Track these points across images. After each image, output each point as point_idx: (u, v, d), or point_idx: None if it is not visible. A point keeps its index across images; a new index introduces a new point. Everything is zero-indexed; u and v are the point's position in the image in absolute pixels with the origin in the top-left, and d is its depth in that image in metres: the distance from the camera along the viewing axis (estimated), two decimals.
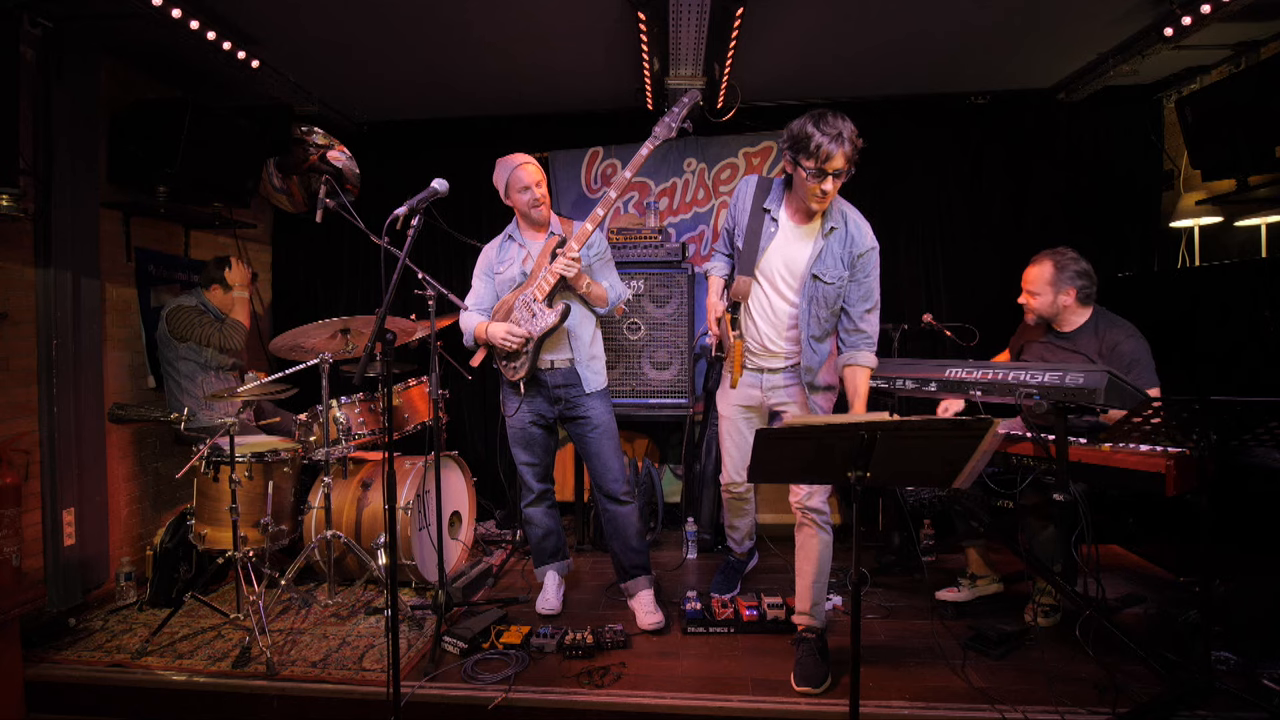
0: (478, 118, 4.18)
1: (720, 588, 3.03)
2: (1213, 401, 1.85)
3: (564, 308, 2.66)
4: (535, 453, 2.88)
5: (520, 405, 2.82)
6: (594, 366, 2.83)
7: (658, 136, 2.56)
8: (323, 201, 2.95)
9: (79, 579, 2.90)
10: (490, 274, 2.86)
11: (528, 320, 2.69)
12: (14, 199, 2.59)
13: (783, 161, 2.39)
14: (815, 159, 2.22)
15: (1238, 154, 3.04)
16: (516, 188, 2.73)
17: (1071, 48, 3.32)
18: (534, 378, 2.76)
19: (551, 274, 2.62)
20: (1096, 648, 2.33)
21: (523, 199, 2.73)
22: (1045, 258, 2.73)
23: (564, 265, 2.59)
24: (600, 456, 2.82)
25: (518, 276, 2.79)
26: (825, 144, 2.19)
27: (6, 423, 2.74)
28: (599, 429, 2.80)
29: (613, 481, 2.82)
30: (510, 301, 2.76)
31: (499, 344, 2.71)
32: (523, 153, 2.79)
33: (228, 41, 2.99)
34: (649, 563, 2.88)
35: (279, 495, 2.96)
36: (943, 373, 2.54)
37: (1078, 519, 2.23)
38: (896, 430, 1.67)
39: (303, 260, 4.41)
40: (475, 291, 2.89)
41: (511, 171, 2.73)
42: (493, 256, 2.88)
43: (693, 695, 2.25)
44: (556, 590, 2.94)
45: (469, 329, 2.82)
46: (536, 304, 2.67)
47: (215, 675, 2.44)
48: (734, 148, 4.11)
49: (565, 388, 2.78)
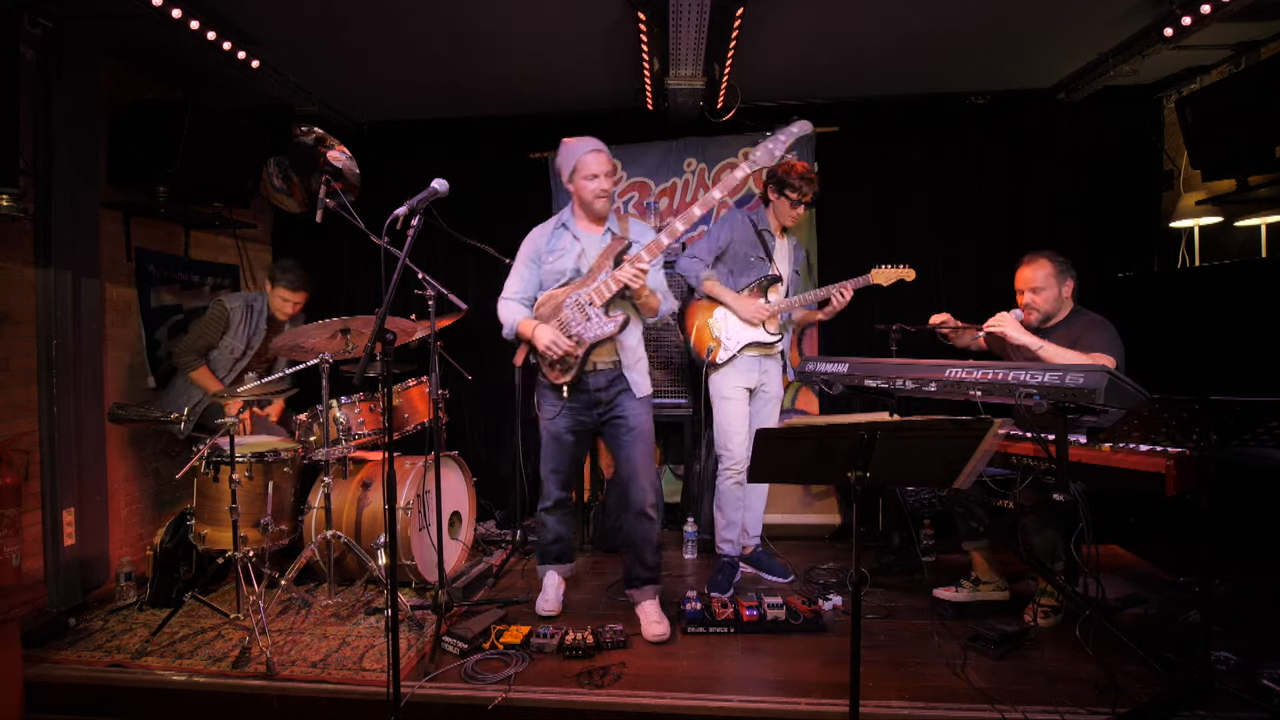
0: (478, 118, 4.18)
1: (720, 586, 3.04)
2: (1213, 401, 1.85)
3: (624, 319, 2.55)
4: (563, 460, 2.77)
5: (560, 410, 2.68)
6: (640, 369, 2.71)
7: (757, 162, 2.49)
8: (323, 201, 2.96)
9: (79, 579, 2.91)
10: (537, 261, 2.69)
11: (580, 323, 2.56)
12: (14, 199, 2.59)
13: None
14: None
15: (1238, 154, 3.04)
16: (584, 174, 2.57)
17: (1071, 48, 3.33)
18: (577, 382, 2.63)
19: (615, 281, 2.49)
20: (1096, 648, 2.32)
21: (589, 187, 2.57)
22: (1039, 255, 2.78)
23: (631, 275, 2.45)
24: (632, 461, 2.67)
25: (569, 271, 2.64)
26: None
27: (6, 423, 2.74)
28: (635, 432, 2.66)
29: (640, 492, 2.68)
30: (560, 298, 2.60)
31: (542, 350, 2.59)
32: (587, 138, 2.62)
33: (228, 41, 2.99)
34: (659, 575, 2.80)
35: (279, 495, 2.96)
36: (943, 373, 2.54)
37: (1078, 519, 2.23)
38: (897, 430, 1.67)
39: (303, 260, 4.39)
40: (518, 277, 2.73)
41: (581, 156, 2.56)
42: (541, 244, 2.71)
43: (693, 695, 2.25)
44: (556, 591, 2.93)
45: (511, 321, 2.68)
46: (593, 308, 2.53)
47: (215, 675, 2.43)
48: (734, 148, 4.11)
49: (608, 389, 2.66)
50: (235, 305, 3.29)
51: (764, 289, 3.13)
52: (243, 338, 3.29)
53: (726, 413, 3.12)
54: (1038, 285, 2.76)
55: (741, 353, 3.11)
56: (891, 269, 3.04)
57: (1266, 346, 2.80)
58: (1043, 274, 2.75)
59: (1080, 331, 2.69)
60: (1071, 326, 2.74)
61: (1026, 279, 2.80)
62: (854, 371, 2.87)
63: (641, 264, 2.46)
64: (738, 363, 3.12)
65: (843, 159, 4.07)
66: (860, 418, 1.72)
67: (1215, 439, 1.95)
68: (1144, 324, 3.39)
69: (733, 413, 3.11)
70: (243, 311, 3.29)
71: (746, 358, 3.11)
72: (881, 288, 3.07)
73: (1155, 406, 1.97)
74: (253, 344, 3.32)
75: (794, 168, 3.03)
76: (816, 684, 2.29)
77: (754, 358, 3.13)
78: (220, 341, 3.28)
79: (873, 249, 3.93)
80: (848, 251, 4.02)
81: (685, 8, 2.72)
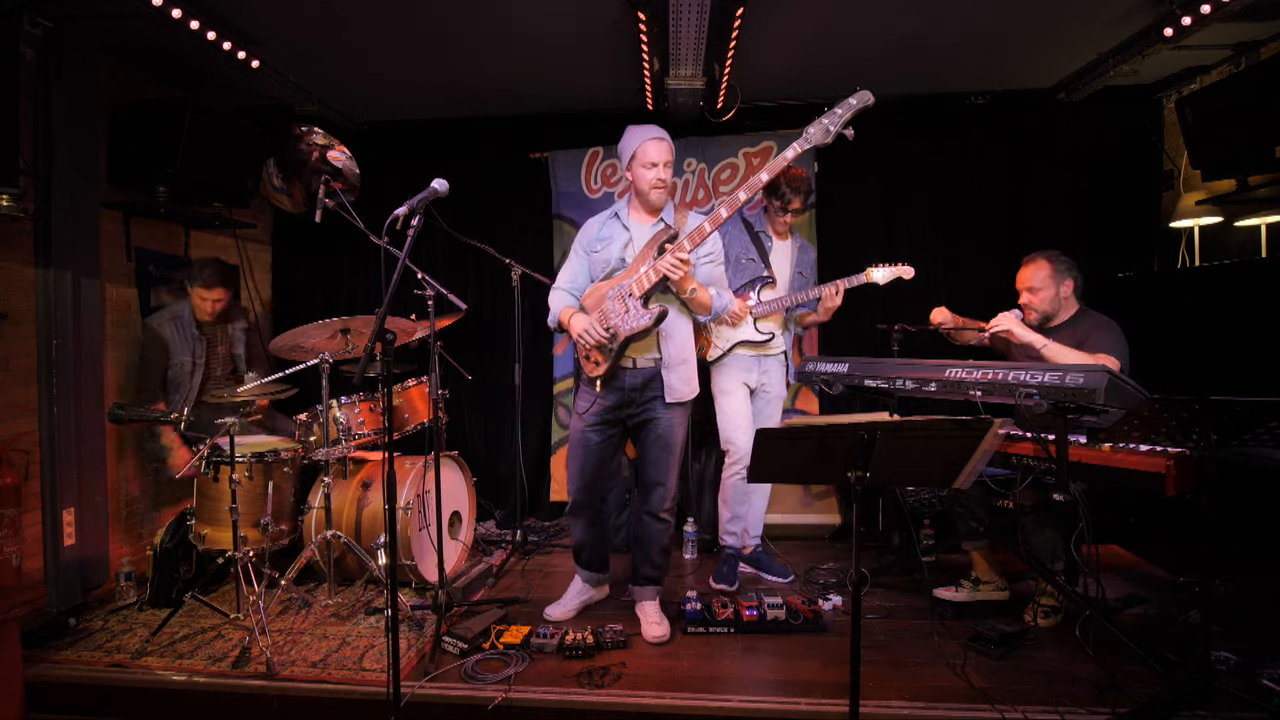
0: (478, 118, 4.18)
1: (726, 578, 3.09)
2: (1213, 401, 1.85)
3: (660, 311, 2.43)
4: (585, 461, 2.68)
5: (594, 403, 2.61)
6: (681, 373, 2.62)
7: (810, 139, 2.21)
8: (322, 201, 2.96)
9: (79, 579, 2.90)
10: (587, 251, 2.66)
11: (619, 315, 2.46)
12: (14, 199, 2.59)
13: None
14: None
15: (1238, 154, 3.04)
16: (643, 161, 2.51)
17: (1071, 48, 3.33)
18: (612, 376, 2.57)
19: (655, 271, 2.39)
20: (1096, 648, 2.32)
21: (646, 175, 2.51)
22: (1038, 256, 2.81)
23: (670, 265, 2.34)
24: (657, 465, 2.64)
25: (614, 261, 2.58)
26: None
27: (6, 423, 2.74)
28: (663, 439, 2.61)
29: (658, 498, 2.67)
30: (603, 290, 2.55)
31: (575, 337, 2.54)
32: (651, 126, 2.55)
33: (228, 41, 2.99)
34: (663, 578, 2.81)
35: (279, 495, 2.96)
36: (943, 373, 2.54)
37: (1078, 519, 2.23)
38: (897, 430, 1.67)
39: (303, 260, 4.40)
40: (569, 267, 2.70)
41: (642, 143, 2.50)
42: (593, 232, 2.67)
43: (693, 695, 2.25)
44: (576, 598, 2.87)
45: (556, 309, 2.65)
46: (631, 299, 2.45)
47: (215, 675, 2.43)
48: (734, 148, 4.11)
49: (643, 390, 2.59)
50: (161, 323, 3.28)
51: (756, 291, 3.16)
52: (186, 351, 3.29)
53: (728, 407, 3.13)
54: (1034, 285, 2.78)
55: (733, 350, 3.12)
56: (889, 267, 3.05)
57: (1266, 346, 2.80)
58: (1041, 274, 2.77)
59: (1086, 332, 2.70)
60: (1077, 327, 2.74)
61: (1024, 279, 2.82)
62: (854, 371, 2.88)
63: (682, 252, 2.34)
64: (734, 359, 3.13)
65: (843, 159, 4.06)
66: (860, 418, 1.72)
67: (1215, 439, 1.95)
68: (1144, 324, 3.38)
69: (734, 407, 3.12)
70: (171, 326, 3.28)
71: (743, 356, 3.14)
72: (880, 286, 3.08)
73: (1155, 406, 1.97)
74: (198, 354, 3.31)
75: (784, 174, 2.91)
76: (816, 684, 2.29)
77: (752, 356, 3.15)
78: (171, 361, 3.27)
79: (873, 249, 3.92)
80: (848, 251, 4.01)
81: (685, 8, 2.72)
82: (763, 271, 3.12)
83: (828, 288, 3.05)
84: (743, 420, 3.12)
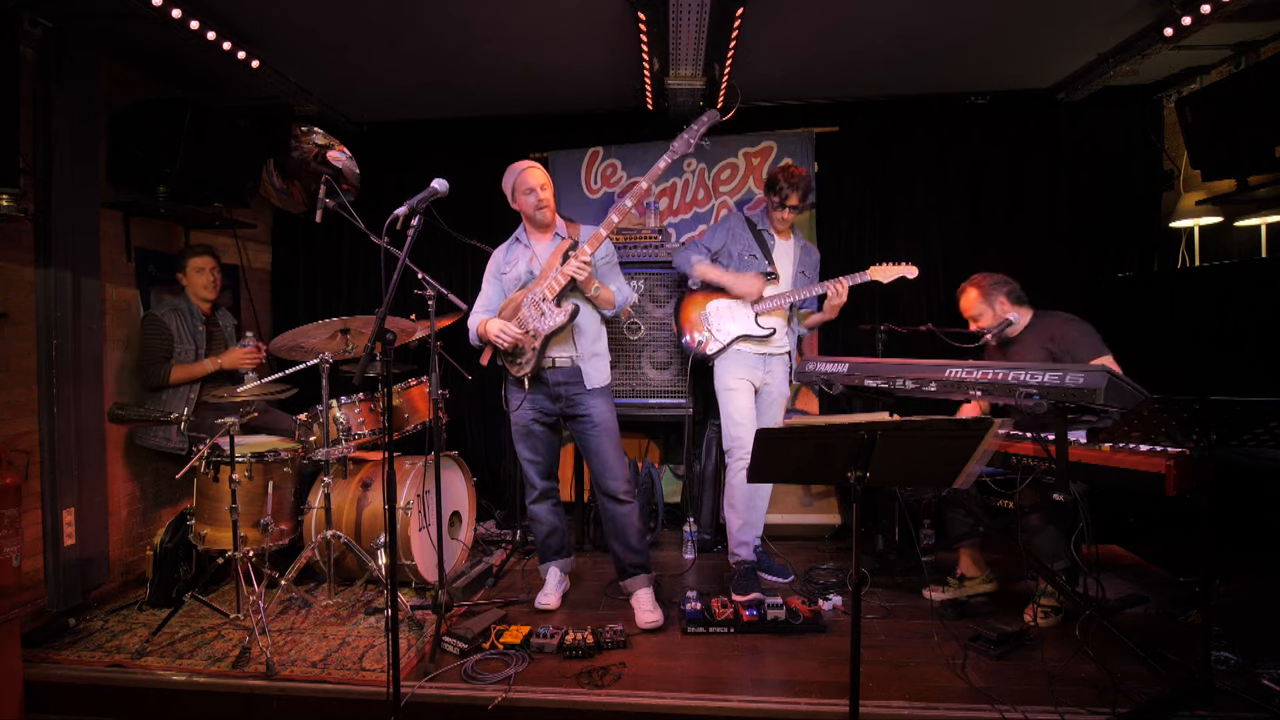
0: (478, 118, 4.18)
1: (742, 589, 2.96)
2: (1213, 401, 1.85)
3: (573, 308, 2.73)
4: (538, 449, 2.93)
5: (523, 401, 2.87)
6: (596, 364, 2.88)
7: (676, 151, 2.68)
8: (323, 201, 2.95)
9: (79, 579, 2.91)
10: (498, 276, 2.93)
11: (536, 319, 2.75)
12: (14, 199, 2.59)
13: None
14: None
15: (1238, 154, 3.04)
16: (522, 190, 2.80)
17: (1071, 48, 3.33)
18: (537, 375, 2.81)
19: (563, 275, 2.70)
20: (1096, 648, 2.32)
21: (528, 201, 2.80)
22: (966, 285, 2.96)
23: (576, 267, 2.67)
24: (600, 454, 2.85)
25: (524, 275, 2.85)
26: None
27: (6, 423, 2.74)
28: (599, 426, 2.84)
29: (613, 480, 2.85)
30: (518, 300, 2.81)
31: (494, 340, 2.77)
32: (527, 160, 2.88)
33: (228, 41, 2.99)
34: (649, 562, 2.91)
35: (279, 495, 2.95)
36: (942, 373, 2.54)
37: (1078, 519, 2.23)
38: (897, 430, 1.67)
39: (303, 260, 4.40)
40: (484, 295, 2.95)
41: (518, 175, 2.82)
42: (500, 259, 2.95)
43: (693, 695, 2.25)
44: (557, 587, 2.99)
45: (473, 328, 2.89)
46: (546, 303, 2.74)
47: (215, 675, 2.43)
48: (734, 148, 4.11)
49: (566, 385, 2.83)
50: (162, 312, 3.26)
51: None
52: (189, 340, 3.28)
53: (732, 405, 3.11)
54: (973, 313, 2.93)
55: (733, 345, 3.12)
56: (893, 266, 3.05)
57: (1266, 346, 2.80)
58: (973, 301, 2.91)
59: (1052, 333, 2.75)
60: (1039, 331, 2.79)
61: (963, 309, 2.97)
62: (854, 371, 2.88)
63: (584, 256, 2.67)
64: (737, 355, 3.12)
65: (843, 159, 4.07)
66: (860, 418, 1.72)
67: (1215, 439, 1.95)
68: (1144, 324, 3.39)
69: (740, 404, 3.11)
70: (173, 315, 3.26)
71: (746, 352, 3.13)
72: (882, 285, 3.08)
73: (1155, 406, 1.97)
74: (200, 345, 3.30)
75: (783, 170, 3.10)
76: (816, 684, 2.29)
77: (757, 354, 3.13)
78: (175, 348, 3.25)
79: (873, 249, 3.94)
80: (848, 251, 4.02)
81: (685, 8, 2.72)
82: (766, 268, 3.12)
83: (832, 284, 3.04)
84: (747, 416, 3.10)
